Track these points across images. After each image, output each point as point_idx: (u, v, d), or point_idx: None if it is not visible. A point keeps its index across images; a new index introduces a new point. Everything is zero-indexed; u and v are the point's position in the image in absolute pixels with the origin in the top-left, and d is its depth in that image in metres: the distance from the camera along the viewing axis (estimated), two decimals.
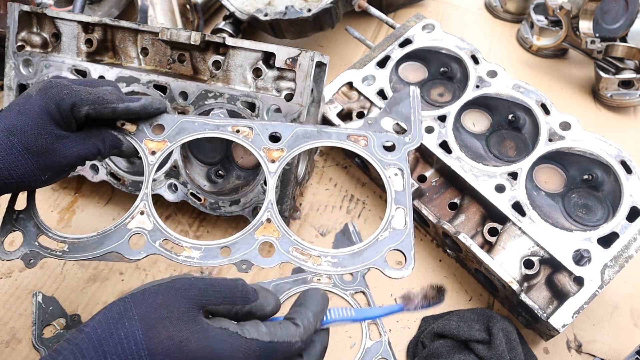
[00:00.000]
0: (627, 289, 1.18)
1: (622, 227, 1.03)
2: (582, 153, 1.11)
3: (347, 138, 0.88)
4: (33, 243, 0.86)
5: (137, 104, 0.86)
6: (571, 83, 1.66)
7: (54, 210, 1.30)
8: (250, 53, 1.10)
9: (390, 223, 0.83)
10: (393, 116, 0.90)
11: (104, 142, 0.85)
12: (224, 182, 1.21)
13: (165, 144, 0.89)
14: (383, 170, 0.86)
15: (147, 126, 0.89)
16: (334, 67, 1.63)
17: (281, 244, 0.83)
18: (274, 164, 0.87)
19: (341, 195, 1.35)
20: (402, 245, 0.83)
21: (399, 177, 0.86)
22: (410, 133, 0.89)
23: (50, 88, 0.79)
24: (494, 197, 1.10)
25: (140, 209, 0.86)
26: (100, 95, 0.82)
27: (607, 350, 1.10)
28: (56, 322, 1.09)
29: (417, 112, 0.90)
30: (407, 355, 1.09)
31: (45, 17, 1.21)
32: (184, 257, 0.81)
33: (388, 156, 0.87)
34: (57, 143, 0.79)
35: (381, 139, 0.88)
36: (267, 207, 0.85)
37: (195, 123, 0.89)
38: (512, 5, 1.85)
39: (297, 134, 0.88)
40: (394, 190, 0.85)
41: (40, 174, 0.78)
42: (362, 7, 1.54)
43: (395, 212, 0.84)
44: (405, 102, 0.91)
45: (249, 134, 0.88)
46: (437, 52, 1.33)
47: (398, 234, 0.83)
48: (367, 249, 0.82)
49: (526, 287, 1.02)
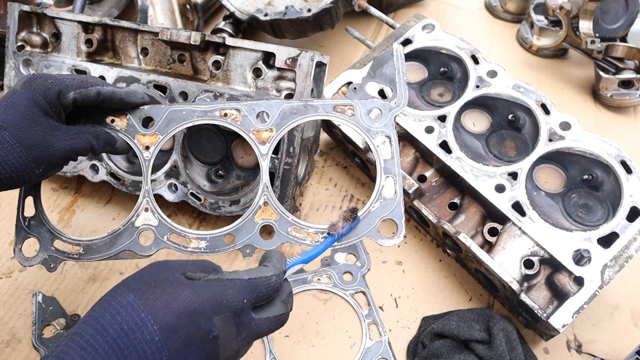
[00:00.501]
0: (627, 289, 1.18)
1: (622, 227, 1.03)
2: (582, 153, 1.11)
3: (334, 109, 0.87)
4: (50, 248, 0.90)
5: (121, 89, 0.86)
6: (571, 83, 1.66)
7: (54, 210, 1.30)
8: (250, 53, 1.10)
9: (380, 193, 0.84)
10: (377, 80, 0.89)
11: (98, 138, 0.86)
12: (224, 182, 1.21)
13: (157, 137, 0.89)
14: (371, 139, 0.86)
15: (137, 120, 0.89)
16: (334, 67, 1.63)
17: (280, 225, 0.85)
18: (264, 146, 0.88)
19: (341, 195, 1.35)
20: (393, 214, 0.84)
21: (387, 145, 0.86)
22: (395, 97, 0.87)
23: (34, 79, 0.79)
24: (494, 197, 1.10)
25: (144, 205, 0.88)
26: (84, 79, 0.83)
27: (607, 350, 1.10)
28: (56, 322, 1.09)
29: (401, 72, 0.88)
30: (407, 355, 1.09)
31: (45, 17, 1.21)
32: (192, 248, 0.85)
33: (375, 124, 0.86)
34: (49, 135, 0.79)
35: (367, 106, 0.87)
36: (262, 191, 0.87)
37: (183, 111, 0.89)
38: (512, 5, 1.85)
39: (284, 111, 0.87)
40: (383, 159, 0.85)
41: (34, 167, 0.78)
42: (362, 7, 1.54)
43: (385, 181, 0.85)
44: (389, 63, 0.88)
45: (236, 116, 0.88)
46: (437, 52, 1.33)
47: (389, 203, 0.84)
48: (361, 222, 0.84)
49: (526, 287, 1.02)
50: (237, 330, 0.63)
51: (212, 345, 0.60)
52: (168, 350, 0.56)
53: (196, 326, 0.58)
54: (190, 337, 0.58)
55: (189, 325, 0.58)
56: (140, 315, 0.56)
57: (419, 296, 1.17)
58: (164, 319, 0.57)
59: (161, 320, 0.56)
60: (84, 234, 1.26)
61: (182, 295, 0.59)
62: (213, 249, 0.85)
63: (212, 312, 0.60)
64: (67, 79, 0.81)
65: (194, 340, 0.58)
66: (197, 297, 0.60)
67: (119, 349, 0.54)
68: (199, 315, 0.59)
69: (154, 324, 0.56)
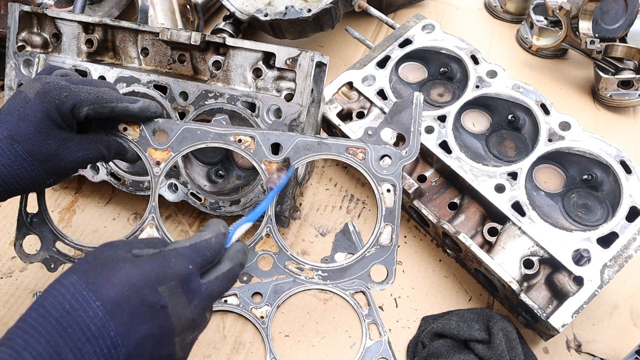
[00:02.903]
0: (627, 289, 1.18)
1: (621, 227, 1.03)
2: (581, 153, 1.12)
3: (346, 150, 0.89)
4: (51, 249, 0.90)
5: (135, 105, 0.86)
6: (571, 83, 1.66)
7: (55, 210, 1.30)
8: (251, 53, 1.11)
9: (377, 240, 0.87)
10: (393, 126, 0.90)
11: (109, 148, 0.86)
12: (224, 182, 1.22)
13: (169, 153, 0.90)
14: (377, 186, 0.88)
15: (150, 132, 0.90)
16: (334, 67, 1.63)
17: (278, 258, 0.88)
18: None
19: (341, 195, 1.35)
20: (385, 262, 0.87)
21: (391, 194, 0.88)
22: (407, 146, 0.89)
23: (49, 91, 0.78)
24: (493, 197, 1.10)
25: (150, 221, 0.88)
26: (99, 94, 0.82)
27: (606, 350, 1.10)
28: None
29: (417, 122, 0.89)
30: (407, 355, 1.09)
31: (46, 17, 1.21)
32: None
33: (384, 171, 0.88)
34: (62, 147, 0.79)
35: (379, 152, 0.89)
36: (266, 223, 0.88)
37: (197, 131, 0.89)
38: (512, 6, 1.85)
39: (298, 145, 0.89)
40: (385, 208, 0.87)
41: (46, 179, 0.79)
42: (362, 7, 1.55)
43: (383, 229, 0.87)
44: (407, 111, 0.89)
45: (250, 144, 0.89)
46: (437, 52, 1.33)
47: (384, 250, 0.87)
48: (354, 265, 0.87)
49: (526, 287, 1.02)
50: (187, 298, 0.62)
51: (162, 315, 0.59)
52: (114, 324, 0.56)
53: (141, 298, 0.58)
54: (137, 310, 0.57)
55: (134, 298, 0.57)
56: (82, 293, 0.56)
57: (419, 296, 1.17)
58: (106, 294, 0.57)
59: (103, 296, 0.56)
60: (85, 233, 1.26)
61: (124, 270, 0.59)
62: None
63: (157, 282, 0.60)
64: (82, 93, 0.80)
65: (141, 313, 0.58)
66: (139, 270, 0.60)
67: (61, 328, 0.54)
68: (143, 287, 0.58)
69: (95, 300, 0.56)
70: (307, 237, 1.26)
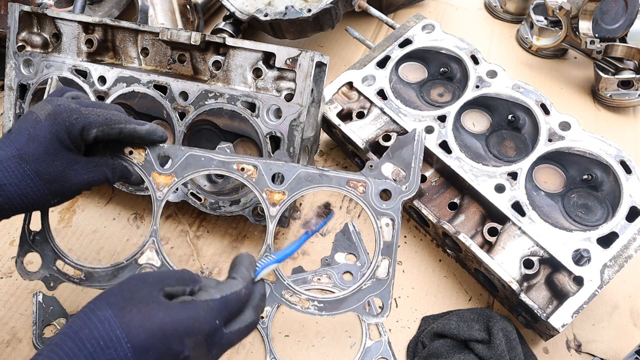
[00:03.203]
0: (627, 289, 1.18)
1: (621, 227, 1.03)
2: (581, 153, 1.12)
3: (347, 184, 0.90)
4: (52, 267, 0.92)
5: (143, 127, 0.88)
6: (571, 83, 1.66)
7: (55, 210, 1.30)
8: (251, 53, 1.11)
9: (374, 273, 0.88)
10: (394, 162, 0.91)
11: (114, 171, 0.88)
12: (224, 182, 1.22)
13: (172, 178, 0.91)
14: (375, 221, 0.89)
15: (155, 157, 0.91)
16: (334, 67, 1.63)
17: (275, 288, 0.88)
18: (274, 208, 0.90)
19: (341, 195, 1.35)
20: (381, 295, 0.88)
21: (390, 228, 0.89)
22: (407, 182, 0.90)
23: (60, 113, 0.79)
24: (493, 197, 1.10)
25: (150, 245, 0.90)
26: (108, 116, 0.83)
27: (606, 350, 1.10)
28: (57, 322, 1.09)
29: (418, 159, 0.90)
30: (407, 355, 1.09)
31: (46, 17, 1.21)
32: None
33: (383, 205, 0.89)
34: (69, 169, 0.81)
35: (379, 187, 0.90)
36: (265, 252, 0.89)
37: (202, 158, 0.91)
38: (512, 6, 1.85)
39: (300, 176, 0.90)
40: (383, 242, 0.88)
41: (50, 199, 0.80)
42: (362, 7, 1.55)
43: (380, 262, 0.88)
44: (409, 147, 0.91)
45: (253, 173, 0.90)
46: (437, 52, 1.33)
47: (380, 283, 0.88)
48: (350, 296, 0.87)
49: (526, 287, 1.02)
50: (208, 349, 0.65)
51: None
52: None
53: (168, 347, 0.60)
54: (161, 357, 0.60)
55: (161, 346, 0.60)
56: (116, 332, 0.58)
57: (419, 296, 1.17)
58: (137, 337, 0.59)
59: (134, 339, 0.59)
60: (85, 233, 1.26)
61: (157, 316, 0.61)
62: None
63: (185, 334, 0.62)
64: (91, 115, 0.81)
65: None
66: (171, 319, 0.62)
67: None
68: (171, 336, 0.61)
69: (127, 342, 0.58)
70: None
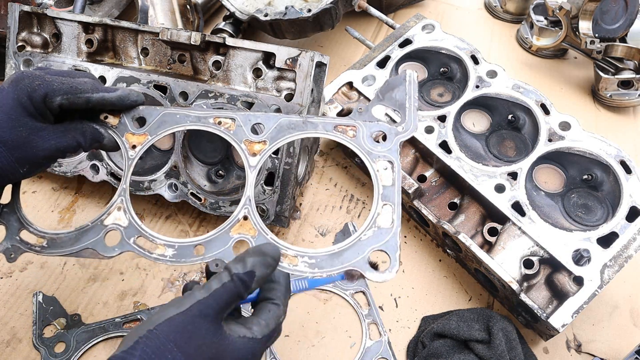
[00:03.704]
0: (627, 289, 1.18)
1: (621, 227, 1.03)
2: (581, 153, 1.12)
3: (335, 128, 0.83)
4: (15, 237, 0.86)
5: (113, 94, 0.85)
6: (571, 83, 1.66)
7: (55, 210, 1.30)
8: (251, 53, 1.11)
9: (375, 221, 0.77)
10: (386, 103, 0.85)
11: (84, 135, 0.84)
12: (224, 182, 1.22)
13: (146, 137, 0.87)
14: (371, 163, 0.81)
15: (130, 119, 0.87)
16: (334, 67, 1.63)
17: (257, 242, 0.79)
18: (255, 157, 0.83)
19: (341, 195, 1.35)
20: (386, 246, 0.75)
21: (389, 171, 0.80)
22: (403, 122, 0.83)
23: (22, 79, 0.78)
24: (493, 197, 1.10)
25: (117, 204, 0.84)
26: (73, 85, 0.81)
27: (606, 350, 1.10)
28: (57, 322, 1.09)
29: (412, 98, 0.83)
30: (407, 355, 1.09)
31: (46, 17, 1.21)
32: (156, 255, 0.80)
33: (378, 147, 0.81)
34: (33, 135, 0.78)
35: (371, 129, 0.82)
36: (244, 204, 0.81)
37: (177, 115, 0.87)
38: (512, 6, 1.85)
39: (281, 125, 0.84)
40: (382, 185, 0.79)
41: (18, 167, 0.78)
42: (362, 7, 1.55)
43: (381, 209, 0.77)
44: (400, 88, 0.85)
45: (230, 125, 0.85)
46: (437, 52, 1.33)
47: (383, 233, 0.76)
48: (348, 249, 0.76)
49: (526, 287, 1.02)
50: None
51: None
52: None
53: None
54: None
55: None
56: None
57: (419, 296, 1.17)
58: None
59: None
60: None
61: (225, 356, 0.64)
62: (179, 259, 0.79)
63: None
64: (55, 82, 0.79)
65: None
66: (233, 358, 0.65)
67: None
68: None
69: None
70: (307, 237, 1.26)
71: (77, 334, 1.07)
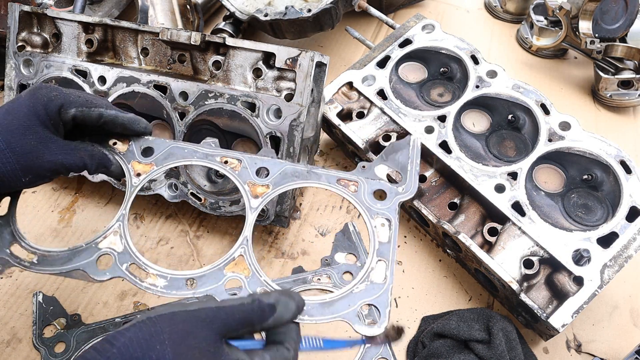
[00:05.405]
0: (627, 289, 1.18)
1: (621, 227, 1.03)
2: (581, 153, 1.12)
3: (337, 182, 0.86)
4: (4, 250, 0.84)
5: (125, 115, 0.85)
6: (571, 83, 1.66)
7: (55, 210, 1.30)
8: (251, 53, 1.11)
9: (368, 275, 0.79)
10: (389, 164, 0.87)
11: (92, 158, 0.84)
12: (224, 182, 1.22)
13: (152, 167, 0.87)
14: (369, 219, 0.83)
15: (138, 147, 0.88)
16: (334, 67, 1.63)
17: (250, 283, 0.79)
18: (256, 200, 0.84)
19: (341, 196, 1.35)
20: (377, 301, 0.77)
21: (386, 228, 0.82)
22: (404, 183, 0.86)
23: (40, 89, 0.79)
24: (493, 197, 1.10)
25: (114, 229, 0.83)
26: (89, 99, 0.82)
27: (606, 350, 1.10)
28: (57, 322, 1.09)
29: (414, 162, 0.87)
30: (407, 355, 1.09)
31: (46, 17, 1.21)
32: (147, 284, 0.79)
33: (377, 205, 0.84)
34: (41, 146, 0.78)
35: (373, 186, 0.85)
36: (241, 243, 0.81)
37: (185, 150, 0.88)
38: (512, 6, 1.85)
39: (286, 172, 0.86)
40: (378, 242, 0.81)
41: (21, 175, 0.77)
42: (362, 7, 1.55)
43: (376, 264, 0.80)
44: (404, 152, 0.87)
45: (236, 166, 0.87)
46: (437, 52, 1.33)
47: (375, 288, 0.78)
48: (339, 300, 0.77)
49: (526, 287, 1.02)
50: None
51: None
52: None
53: None
54: None
55: None
56: None
57: (419, 296, 1.17)
58: None
59: None
60: (85, 233, 1.26)
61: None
62: (170, 291, 0.79)
63: None
64: (72, 95, 0.81)
65: None
66: None
67: None
68: None
69: None
70: (307, 237, 1.26)
71: (77, 334, 1.07)
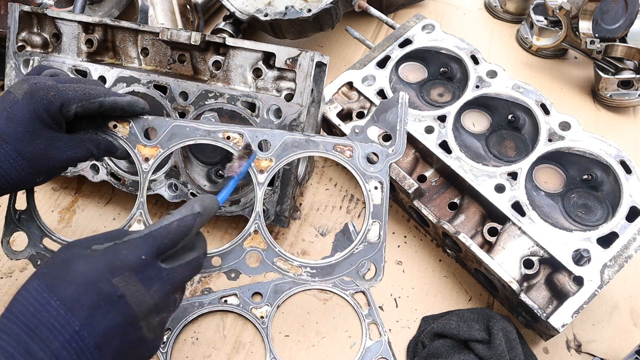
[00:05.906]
0: (627, 289, 1.18)
1: (621, 227, 1.03)
2: (581, 153, 1.12)
3: (333, 148, 0.90)
4: (38, 245, 0.90)
5: (123, 99, 0.87)
6: (571, 83, 1.66)
7: (55, 210, 1.30)
8: (251, 53, 1.11)
9: (365, 237, 0.88)
10: (379, 125, 0.91)
11: (99, 146, 0.87)
12: (224, 182, 1.21)
13: (158, 150, 0.90)
14: (364, 184, 0.89)
15: (139, 129, 0.90)
16: (334, 67, 1.63)
17: (267, 255, 0.89)
18: (262, 175, 0.89)
19: (341, 195, 1.35)
20: (374, 258, 0.88)
21: (379, 191, 0.89)
22: (394, 144, 0.90)
23: (37, 91, 0.79)
24: (493, 197, 1.10)
25: (137, 217, 0.88)
26: (86, 91, 0.83)
27: (606, 350, 1.10)
28: None
29: (403, 121, 0.90)
30: (407, 355, 1.09)
31: (46, 17, 1.21)
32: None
33: (370, 168, 0.89)
34: (50, 147, 0.80)
35: (366, 150, 0.90)
36: (254, 219, 0.89)
37: (186, 128, 0.90)
38: (512, 6, 1.85)
39: (286, 142, 0.90)
40: (372, 204, 0.88)
41: (35, 177, 0.80)
42: (362, 7, 1.55)
43: (371, 225, 0.88)
44: (394, 110, 0.91)
45: (239, 140, 0.90)
46: (437, 52, 1.33)
47: (372, 247, 0.88)
48: (342, 261, 0.88)
49: (526, 287, 1.02)
50: (145, 284, 0.65)
51: (122, 304, 0.62)
52: (76, 318, 0.59)
53: (98, 291, 0.61)
54: (95, 302, 0.60)
55: (90, 292, 0.61)
56: (43, 295, 0.60)
57: (419, 296, 1.17)
58: (64, 293, 0.60)
59: (62, 295, 0.60)
60: (85, 233, 1.26)
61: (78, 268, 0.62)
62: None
63: (110, 274, 0.62)
64: (69, 91, 0.81)
65: (100, 304, 0.61)
66: (91, 266, 0.62)
67: (29, 329, 0.58)
68: (97, 281, 0.62)
69: (56, 299, 0.59)
70: (307, 237, 1.26)
71: None
